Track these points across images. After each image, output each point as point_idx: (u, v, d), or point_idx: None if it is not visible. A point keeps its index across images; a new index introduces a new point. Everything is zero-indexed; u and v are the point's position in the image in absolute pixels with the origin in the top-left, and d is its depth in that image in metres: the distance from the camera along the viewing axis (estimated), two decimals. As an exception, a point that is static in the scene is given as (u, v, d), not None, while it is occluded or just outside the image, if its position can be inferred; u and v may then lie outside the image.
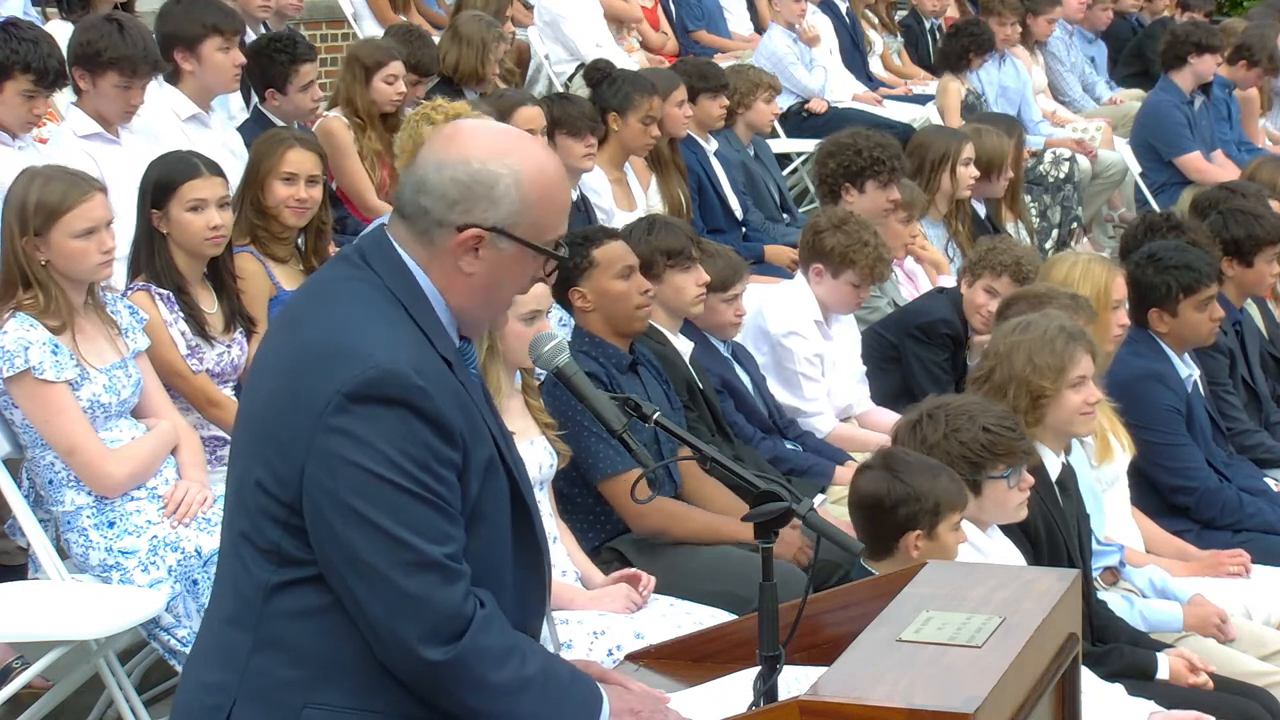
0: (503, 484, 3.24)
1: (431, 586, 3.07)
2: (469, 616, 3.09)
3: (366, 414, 3.07)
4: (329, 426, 3.07)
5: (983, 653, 3.11)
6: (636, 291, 5.87)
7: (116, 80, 6.77)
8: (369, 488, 3.06)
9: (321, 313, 3.23)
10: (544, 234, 3.23)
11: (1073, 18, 13.81)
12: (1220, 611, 5.78)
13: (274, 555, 3.16)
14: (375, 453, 3.06)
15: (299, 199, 6.43)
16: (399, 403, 3.07)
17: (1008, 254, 7.36)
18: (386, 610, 3.08)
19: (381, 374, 3.07)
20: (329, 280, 3.30)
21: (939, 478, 4.61)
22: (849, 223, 7.05)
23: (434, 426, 3.09)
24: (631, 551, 5.67)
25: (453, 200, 3.18)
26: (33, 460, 5.40)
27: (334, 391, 3.07)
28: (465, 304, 3.24)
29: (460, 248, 3.19)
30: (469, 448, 3.15)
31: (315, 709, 3.14)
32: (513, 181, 3.18)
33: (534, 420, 5.39)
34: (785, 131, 11.59)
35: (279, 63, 8.09)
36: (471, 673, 3.10)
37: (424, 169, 3.22)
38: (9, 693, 5.20)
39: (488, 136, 3.25)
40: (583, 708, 3.22)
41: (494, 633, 3.13)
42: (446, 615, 3.08)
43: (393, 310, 3.18)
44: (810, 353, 7.04)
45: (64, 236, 5.29)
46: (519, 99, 8.00)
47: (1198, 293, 6.65)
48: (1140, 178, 11.63)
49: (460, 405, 3.15)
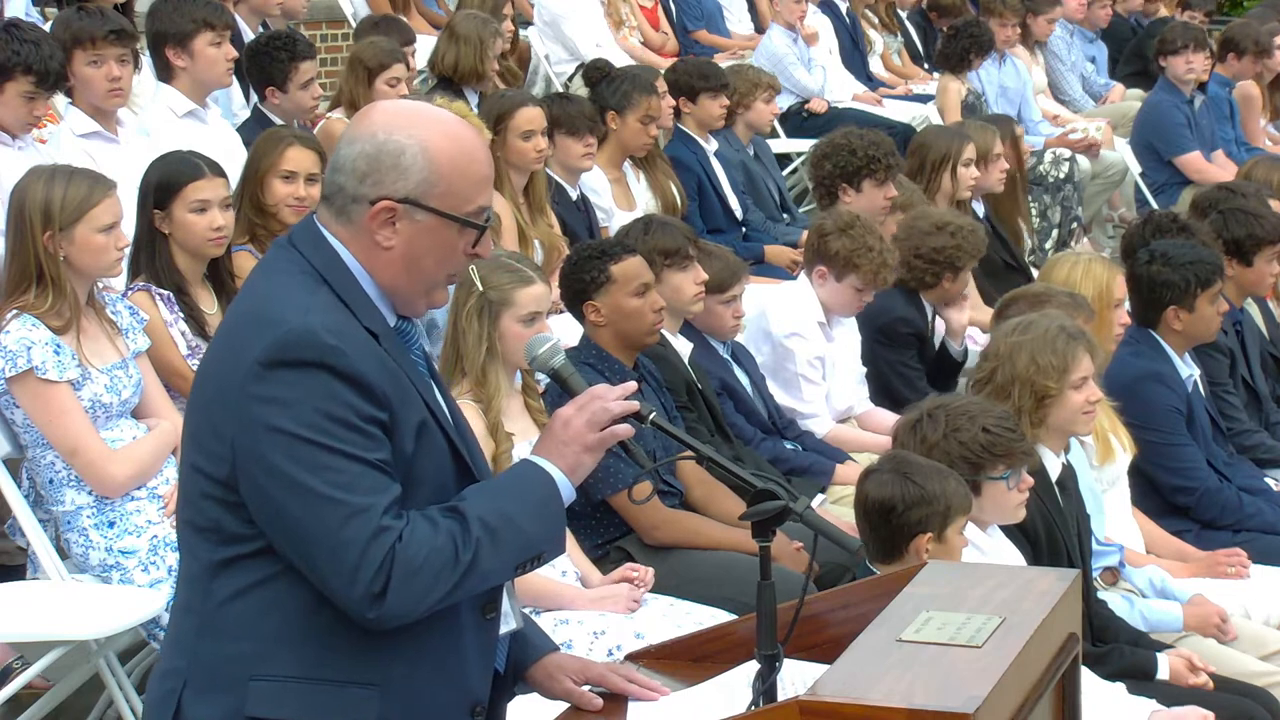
0: (439, 447, 3.23)
1: (368, 540, 3.06)
2: (390, 563, 3.06)
3: (284, 378, 3.08)
4: (250, 395, 3.09)
5: (983, 653, 3.11)
6: (650, 309, 5.87)
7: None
8: (296, 451, 3.06)
9: (246, 294, 3.29)
10: (461, 204, 3.23)
11: (1073, 17, 13.81)
12: (1220, 611, 5.77)
13: (214, 534, 3.17)
14: (296, 415, 3.06)
15: (298, 197, 6.43)
16: (314, 364, 3.08)
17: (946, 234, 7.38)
18: (331, 568, 3.07)
19: (292, 335, 3.09)
20: (260, 264, 3.35)
21: (948, 481, 4.62)
22: (855, 226, 7.04)
23: (352, 384, 3.09)
24: (638, 552, 5.67)
25: (362, 174, 3.19)
26: (33, 460, 5.40)
27: (251, 360, 3.09)
28: (391, 279, 3.24)
29: (375, 221, 3.20)
30: (394, 407, 3.14)
31: (261, 680, 3.15)
32: (419, 150, 3.19)
33: (534, 421, 5.39)
34: (785, 131, 11.59)
35: (279, 60, 8.09)
36: (416, 596, 3.08)
37: (338, 148, 3.25)
38: (9, 693, 5.20)
39: (396, 111, 3.27)
40: (542, 503, 3.23)
41: (414, 555, 3.08)
42: (371, 568, 3.05)
43: (314, 284, 3.19)
44: (812, 355, 7.04)
45: (89, 231, 5.32)
46: (519, 99, 8.00)
47: (1213, 285, 6.64)
48: (1140, 178, 11.63)
49: (384, 368, 3.15)
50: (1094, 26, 14.18)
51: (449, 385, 4.62)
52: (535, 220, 7.71)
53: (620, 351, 5.87)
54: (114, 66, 6.91)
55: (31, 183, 5.39)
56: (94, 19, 6.98)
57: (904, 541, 4.56)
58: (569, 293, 5.96)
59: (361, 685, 3.16)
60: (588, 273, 5.86)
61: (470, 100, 8.91)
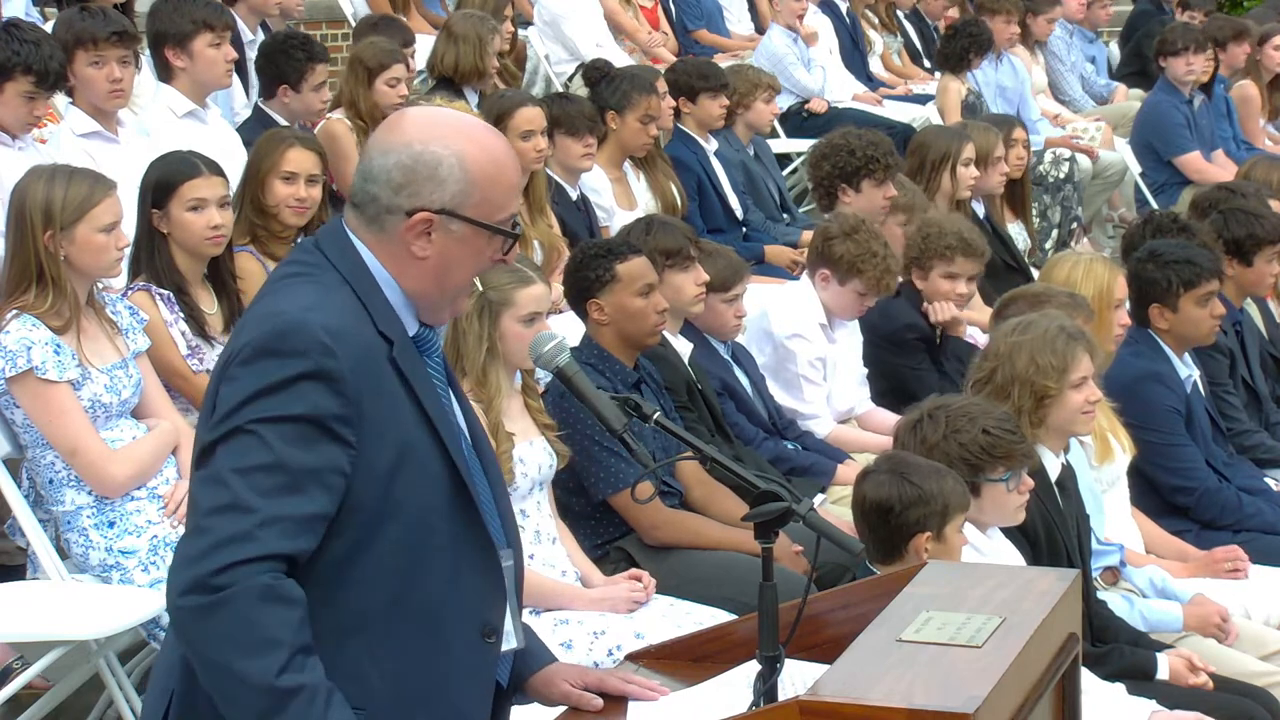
0: (431, 470, 3.18)
1: (225, 531, 2.99)
2: (249, 575, 2.98)
3: (261, 365, 3.07)
4: (227, 376, 3.10)
5: (983, 653, 3.11)
6: (654, 310, 5.88)
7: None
8: (233, 436, 3.05)
9: (265, 293, 3.27)
10: (494, 213, 3.24)
11: (1073, 17, 13.80)
12: (1221, 610, 5.77)
13: None
14: (248, 397, 3.05)
15: (299, 198, 6.43)
16: (296, 355, 3.06)
17: (948, 235, 7.35)
18: (183, 548, 3.04)
19: (286, 325, 3.08)
20: (283, 265, 3.34)
21: (945, 479, 4.62)
22: (860, 231, 7.04)
23: (326, 384, 3.06)
24: (638, 552, 5.67)
25: (398, 185, 3.19)
26: (33, 460, 5.40)
27: (243, 344, 3.10)
28: (420, 288, 3.24)
29: (411, 232, 3.19)
30: (374, 416, 3.10)
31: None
32: (456, 162, 3.19)
33: (533, 421, 5.39)
34: (785, 131, 11.59)
35: (296, 59, 8.11)
36: (216, 634, 2.98)
37: (370, 157, 3.23)
38: (9, 693, 5.20)
39: (429, 120, 3.26)
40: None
41: (270, 614, 2.98)
42: (224, 563, 2.98)
43: (334, 285, 3.18)
44: (813, 356, 7.04)
45: (91, 231, 5.32)
46: (519, 99, 8.00)
47: (1198, 287, 6.63)
48: (1140, 178, 11.63)
49: (376, 374, 3.12)
50: (1094, 26, 14.17)
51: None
52: (535, 220, 7.71)
53: (621, 351, 5.88)
54: (115, 67, 6.91)
55: (32, 182, 5.39)
56: (96, 20, 6.98)
57: (903, 542, 4.56)
58: (573, 290, 5.96)
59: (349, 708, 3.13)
60: (593, 271, 5.87)
61: (470, 100, 8.91)
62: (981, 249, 7.35)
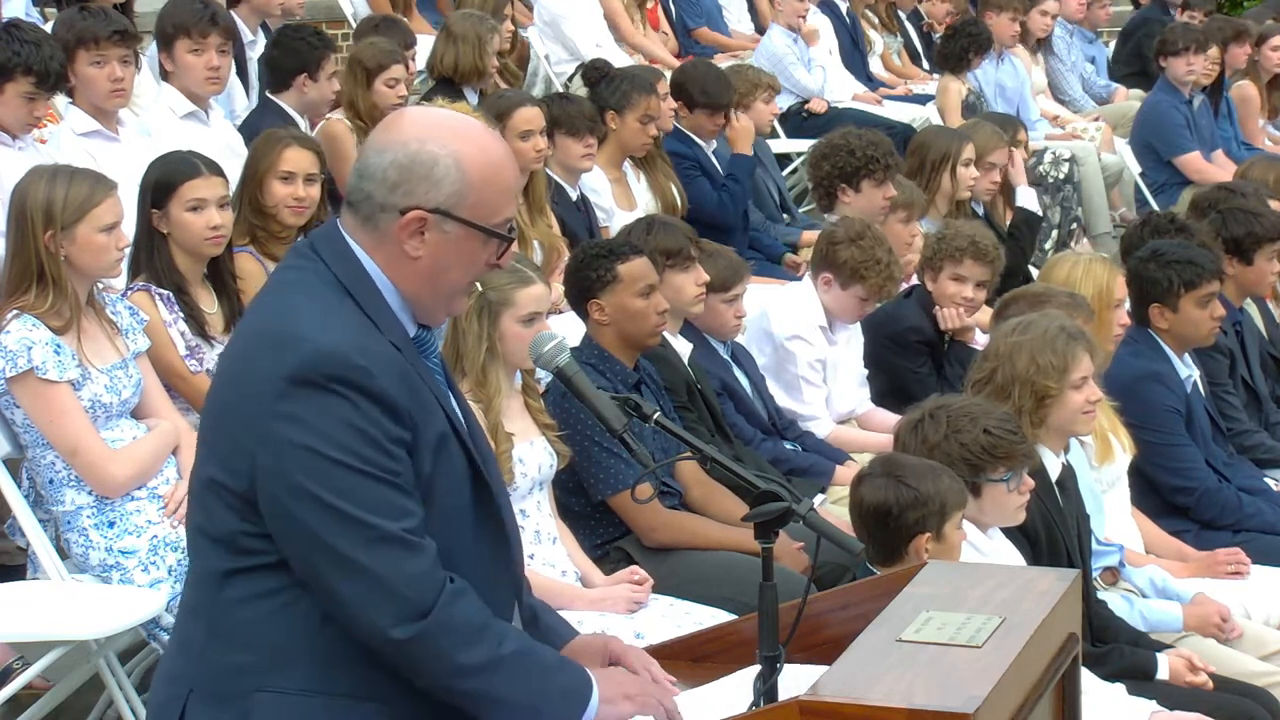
0: (459, 463, 3.23)
1: (394, 562, 3.07)
2: (437, 589, 3.09)
3: (310, 397, 3.07)
4: (275, 413, 3.08)
5: (983, 653, 3.11)
6: (654, 311, 5.88)
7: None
8: (321, 470, 3.06)
9: (266, 302, 3.27)
10: (490, 215, 3.23)
11: (1073, 17, 13.79)
12: (1222, 609, 5.78)
13: (228, 545, 3.17)
14: (322, 435, 3.06)
15: (297, 198, 6.43)
16: (341, 382, 3.07)
17: (960, 237, 7.36)
18: (353, 591, 3.07)
19: (320, 355, 3.08)
20: (280, 270, 3.34)
21: (940, 478, 4.61)
22: (865, 237, 7.04)
23: (379, 404, 3.09)
24: (638, 552, 5.67)
25: (393, 183, 3.18)
26: (33, 460, 5.40)
27: (276, 378, 3.08)
28: (415, 289, 3.24)
29: (404, 231, 3.19)
30: (418, 425, 3.14)
31: (266, 693, 3.15)
32: (452, 162, 3.18)
33: (534, 421, 5.39)
34: (785, 131, 11.58)
35: (314, 48, 8.15)
36: (441, 648, 3.10)
37: (366, 155, 3.23)
38: (9, 693, 5.20)
39: (426, 120, 3.26)
40: (568, 694, 3.21)
41: (464, 608, 3.12)
42: (412, 590, 3.07)
43: (336, 296, 3.18)
44: (813, 358, 7.04)
45: (91, 231, 5.32)
46: (519, 99, 7.99)
47: (1199, 288, 6.63)
48: (1140, 178, 11.63)
49: (408, 385, 3.15)
50: (1094, 26, 14.16)
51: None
52: (535, 220, 7.71)
53: (622, 352, 5.88)
54: (116, 67, 6.91)
55: (33, 182, 5.40)
56: (97, 19, 6.98)
57: (903, 544, 4.55)
58: (574, 290, 5.96)
59: (367, 700, 3.16)
60: (594, 271, 5.87)
61: (470, 100, 8.91)
62: (993, 255, 7.33)
